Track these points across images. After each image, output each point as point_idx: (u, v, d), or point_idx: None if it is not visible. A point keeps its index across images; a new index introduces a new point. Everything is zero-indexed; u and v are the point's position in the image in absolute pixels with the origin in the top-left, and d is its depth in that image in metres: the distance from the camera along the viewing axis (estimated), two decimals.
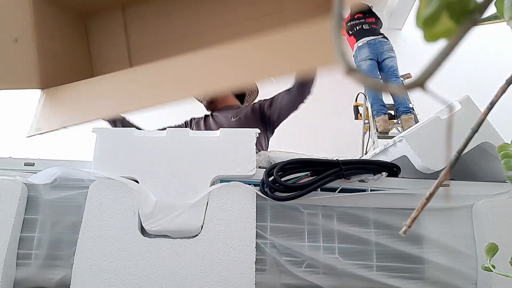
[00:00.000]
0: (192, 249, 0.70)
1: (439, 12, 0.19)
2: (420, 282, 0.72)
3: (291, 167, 0.74)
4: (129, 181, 0.73)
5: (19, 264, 0.70)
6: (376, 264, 0.73)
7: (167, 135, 0.78)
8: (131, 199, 0.72)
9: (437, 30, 0.19)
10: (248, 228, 0.71)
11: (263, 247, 0.72)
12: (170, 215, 0.70)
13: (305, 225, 0.75)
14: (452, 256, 0.74)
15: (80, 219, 0.71)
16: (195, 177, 0.75)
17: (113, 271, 0.68)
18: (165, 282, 0.68)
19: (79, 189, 0.75)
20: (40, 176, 0.76)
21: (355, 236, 0.74)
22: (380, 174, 0.78)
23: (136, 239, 0.70)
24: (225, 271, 0.69)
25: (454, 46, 0.18)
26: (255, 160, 0.77)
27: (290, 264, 0.71)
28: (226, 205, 0.73)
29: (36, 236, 0.72)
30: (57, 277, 0.70)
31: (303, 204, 0.75)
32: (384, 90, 0.20)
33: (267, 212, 0.75)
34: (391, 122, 3.26)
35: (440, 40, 0.20)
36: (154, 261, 0.69)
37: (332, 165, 0.75)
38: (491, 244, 0.47)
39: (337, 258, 0.73)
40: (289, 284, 0.71)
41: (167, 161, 0.75)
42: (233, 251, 0.70)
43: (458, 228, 0.76)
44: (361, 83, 0.20)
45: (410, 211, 0.25)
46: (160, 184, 0.74)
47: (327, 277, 0.72)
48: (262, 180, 0.73)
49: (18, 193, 0.71)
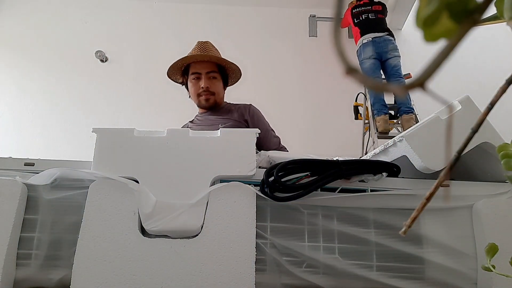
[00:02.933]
0: (192, 249, 0.70)
1: (439, 12, 0.19)
2: (420, 282, 0.72)
3: (291, 167, 0.74)
4: (129, 181, 0.73)
5: (19, 264, 0.70)
6: (376, 264, 0.73)
7: (167, 135, 0.78)
8: (131, 199, 0.72)
9: (437, 30, 0.19)
10: (248, 228, 0.71)
11: (263, 247, 0.72)
12: (170, 215, 0.70)
13: (305, 225, 0.75)
14: (452, 256, 0.74)
15: (80, 219, 0.71)
16: (195, 177, 0.75)
17: (113, 271, 0.68)
18: (165, 282, 0.68)
19: (79, 189, 0.75)
20: (40, 177, 0.76)
21: (355, 236, 0.74)
22: (380, 174, 0.77)
23: (136, 239, 0.70)
24: (225, 271, 0.69)
25: (454, 46, 0.18)
26: (255, 160, 0.77)
27: (290, 264, 0.71)
28: (226, 205, 0.73)
29: (36, 236, 0.72)
30: (57, 277, 0.70)
31: (303, 204, 0.75)
32: (384, 90, 0.20)
33: (267, 212, 0.75)
34: (391, 122, 3.25)
35: (440, 40, 0.20)
36: (154, 261, 0.69)
37: (332, 165, 0.75)
38: (491, 244, 0.47)
39: (337, 258, 0.72)
40: (289, 284, 0.71)
41: (167, 161, 0.75)
42: (233, 251, 0.70)
43: (458, 228, 0.76)
44: (362, 83, 0.20)
45: (410, 211, 0.25)
46: (160, 184, 0.74)
47: (327, 277, 0.72)
48: (262, 180, 0.73)
49: (18, 193, 0.71)
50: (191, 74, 1.63)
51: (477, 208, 0.75)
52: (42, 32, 4.04)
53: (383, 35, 3.27)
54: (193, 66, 1.63)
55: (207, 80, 1.61)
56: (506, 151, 0.39)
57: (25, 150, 3.39)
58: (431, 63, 0.18)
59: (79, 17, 4.12)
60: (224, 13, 4.12)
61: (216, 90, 1.64)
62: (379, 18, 3.37)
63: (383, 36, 3.26)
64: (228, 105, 1.71)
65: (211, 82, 1.62)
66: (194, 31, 3.83)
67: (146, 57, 4.03)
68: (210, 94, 1.63)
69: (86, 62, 3.99)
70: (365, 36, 3.30)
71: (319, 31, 4.20)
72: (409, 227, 0.25)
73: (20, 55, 3.97)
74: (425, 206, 0.24)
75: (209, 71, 1.62)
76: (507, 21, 0.22)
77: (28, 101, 3.83)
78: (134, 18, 4.17)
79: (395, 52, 3.25)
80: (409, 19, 3.98)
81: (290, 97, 3.76)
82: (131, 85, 3.95)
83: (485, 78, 3.07)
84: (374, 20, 3.35)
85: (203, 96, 1.62)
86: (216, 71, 1.64)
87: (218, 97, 1.66)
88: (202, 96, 1.63)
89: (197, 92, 1.63)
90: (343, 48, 0.19)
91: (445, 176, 0.24)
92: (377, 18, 3.35)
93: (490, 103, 0.25)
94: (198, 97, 1.64)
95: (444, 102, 0.20)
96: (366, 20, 3.36)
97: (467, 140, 0.25)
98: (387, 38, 3.27)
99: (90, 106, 3.82)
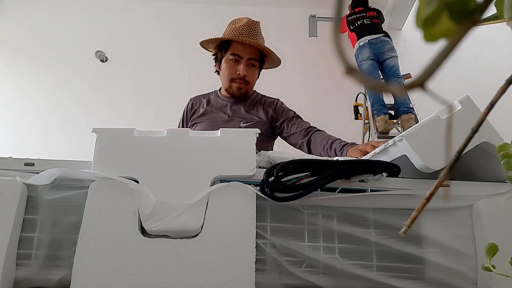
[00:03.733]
0: (192, 249, 0.70)
1: (439, 12, 0.19)
2: (420, 282, 0.72)
3: (291, 167, 0.74)
4: (129, 181, 0.73)
5: (19, 264, 0.70)
6: (376, 264, 0.73)
7: (167, 135, 0.78)
8: (131, 199, 0.72)
9: (437, 30, 0.19)
10: (248, 228, 0.71)
11: (263, 247, 0.72)
12: (170, 215, 0.70)
13: (305, 225, 0.75)
14: (452, 256, 0.74)
15: (80, 219, 0.71)
16: (195, 177, 0.75)
17: (113, 271, 0.68)
18: (165, 282, 0.68)
19: (79, 189, 0.75)
20: (40, 177, 0.76)
21: (355, 236, 0.74)
22: (380, 174, 0.77)
23: (136, 239, 0.70)
24: (225, 271, 0.69)
25: (454, 46, 0.18)
26: (255, 160, 0.77)
27: (290, 264, 0.71)
28: (226, 205, 0.73)
29: (36, 236, 0.72)
30: (57, 277, 0.70)
31: (303, 204, 0.75)
32: (385, 90, 0.20)
33: (267, 212, 0.75)
34: (391, 122, 3.26)
35: (440, 40, 0.20)
36: (154, 261, 0.69)
37: (332, 165, 0.75)
38: (491, 244, 0.47)
39: (337, 258, 0.72)
40: (289, 284, 0.71)
41: (167, 161, 0.75)
42: (233, 251, 0.70)
43: (458, 228, 0.76)
44: (361, 83, 0.20)
45: (410, 211, 0.25)
46: (160, 184, 0.74)
47: (327, 277, 0.72)
48: (262, 181, 0.73)
49: (18, 193, 0.71)
50: (231, 54, 1.46)
51: (477, 208, 0.75)
52: (42, 32, 4.04)
53: (380, 36, 3.28)
54: (235, 46, 1.46)
55: (247, 67, 1.46)
56: (506, 151, 0.39)
57: (25, 150, 3.39)
58: (431, 63, 0.18)
59: (79, 17, 4.12)
60: (224, 13, 4.12)
61: (252, 80, 1.51)
62: (375, 23, 3.38)
63: (380, 37, 3.28)
64: (255, 97, 1.58)
65: (250, 70, 1.48)
66: (194, 31, 3.83)
67: (146, 57, 4.03)
68: (245, 84, 1.49)
69: (86, 62, 3.99)
70: (362, 39, 3.32)
71: (319, 31, 4.21)
72: (409, 227, 0.25)
73: (20, 55, 3.97)
74: (425, 206, 0.24)
75: (251, 57, 1.46)
76: (507, 21, 0.22)
77: (28, 101, 3.83)
78: (134, 18, 4.17)
79: (392, 52, 3.26)
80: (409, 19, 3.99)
81: (290, 97, 3.75)
82: (131, 85, 3.95)
83: (485, 78, 3.07)
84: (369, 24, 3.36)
85: (237, 84, 1.49)
86: (257, 58, 1.49)
87: (250, 88, 1.54)
88: (235, 83, 1.49)
89: (231, 77, 1.48)
90: (343, 48, 0.19)
91: (445, 176, 0.24)
92: (372, 23, 3.37)
93: (490, 103, 0.25)
94: (230, 82, 1.50)
95: (444, 102, 0.20)
96: (362, 25, 3.38)
97: (467, 140, 0.25)
98: (383, 39, 3.28)
99: (90, 106, 3.82)
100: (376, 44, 3.23)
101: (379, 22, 3.41)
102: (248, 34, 1.43)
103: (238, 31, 1.43)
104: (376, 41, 3.24)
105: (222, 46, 1.49)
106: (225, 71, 1.50)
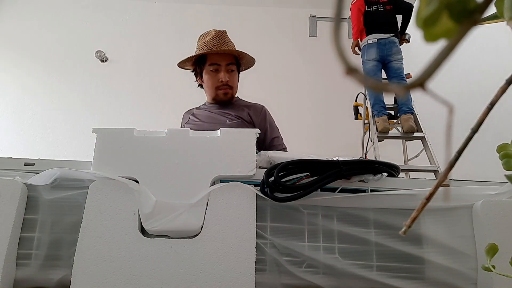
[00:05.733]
0: (192, 249, 0.70)
1: (439, 12, 0.19)
2: (420, 282, 0.72)
3: (291, 167, 0.74)
4: (129, 181, 0.73)
5: (19, 264, 0.70)
6: (376, 264, 0.73)
7: (167, 135, 0.78)
8: (131, 199, 0.72)
9: (437, 30, 0.19)
10: (248, 228, 0.71)
11: (263, 247, 0.72)
12: (170, 215, 0.70)
13: (305, 225, 0.75)
14: (452, 256, 0.74)
15: (80, 219, 0.71)
16: (195, 177, 0.75)
17: (113, 271, 0.68)
18: (165, 282, 0.68)
19: (79, 189, 0.75)
20: (40, 177, 0.76)
21: (355, 236, 0.74)
22: (380, 174, 0.77)
23: (136, 239, 0.70)
24: (225, 271, 0.69)
25: (454, 46, 0.18)
26: (255, 160, 0.77)
27: (290, 264, 0.71)
28: (226, 205, 0.73)
29: (36, 236, 0.72)
30: (57, 277, 0.70)
31: (303, 204, 0.75)
32: (384, 90, 0.20)
33: (267, 212, 0.75)
34: (391, 122, 3.26)
35: (440, 40, 0.20)
36: (154, 261, 0.69)
37: (332, 165, 0.75)
38: (491, 244, 0.47)
39: (337, 258, 0.72)
40: (289, 284, 0.71)
41: (167, 161, 0.75)
42: (233, 251, 0.70)
43: (458, 228, 0.76)
44: (362, 83, 0.20)
45: (410, 211, 0.25)
46: (160, 184, 0.74)
47: (327, 277, 0.72)
48: (262, 181, 0.73)
49: (18, 193, 0.71)
50: (209, 65, 1.56)
51: (477, 208, 0.75)
52: (42, 32, 4.04)
53: (389, 37, 3.26)
54: (211, 57, 1.56)
55: (227, 73, 1.56)
56: (506, 151, 0.39)
57: (25, 150, 3.39)
58: (431, 63, 0.18)
59: (79, 17, 4.12)
60: (224, 13, 4.12)
61: (234, 84, 1.60)
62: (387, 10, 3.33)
63: (389, 37, 3.26)
64: (239, 101, 1.67)
65: (230, 75, 1.58)
66: (194, 31, 3.83)
67: (146, 57, 4.03)
68: (229, 88, 1.58)
69: (86, 62, 3.99)
70: (370, 36, 3.29)
71: (319, 31, 4.21)
72: (409, 227, 0.25)
73: (20, 55, 3.97)
74: (425, 206, 0.24)
75: (228, 63, 1.56)
76: (507, 21, 0.22)
77: (28, 101, 3.83)
78: (134, 18, 4.17)
79: (398, 55, 3.25)
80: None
81: (290, 97, 3.76)
82: (131, 85, 3.95)
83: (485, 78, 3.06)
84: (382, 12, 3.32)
85: (222, 90, 1.58)
86: (234, 63, 1.59)
87: (235, 91, 1.63)
88: (221, 90, 1.58)
89: (216, 85, 1.57)
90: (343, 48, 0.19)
91: (445, 176, 0.24)
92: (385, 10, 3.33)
93: (490, 103, 0.25)
94: (216, 90, 1.58)
95: (444, 102, 0.20)
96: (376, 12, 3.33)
97: (467, 140, 0.25)
98: (392, 40, 3.26)
99: (90, 106, 3.82)
100: (384, 45, 3.21)
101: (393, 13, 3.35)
102: (220, 44, 1.56)
103: (210, 44, 1.56)
104: (385, 42, 3.22)
105: (199, 60, 1.61)
106: (209, 81, 1.60)
